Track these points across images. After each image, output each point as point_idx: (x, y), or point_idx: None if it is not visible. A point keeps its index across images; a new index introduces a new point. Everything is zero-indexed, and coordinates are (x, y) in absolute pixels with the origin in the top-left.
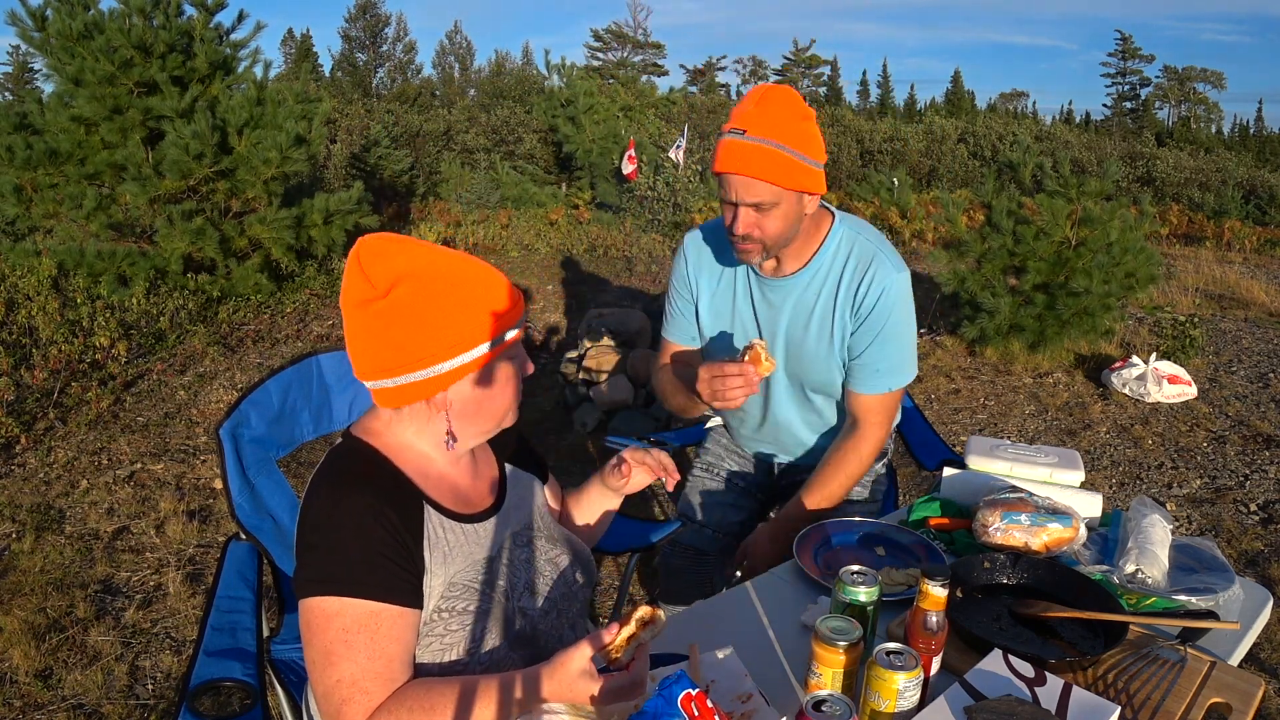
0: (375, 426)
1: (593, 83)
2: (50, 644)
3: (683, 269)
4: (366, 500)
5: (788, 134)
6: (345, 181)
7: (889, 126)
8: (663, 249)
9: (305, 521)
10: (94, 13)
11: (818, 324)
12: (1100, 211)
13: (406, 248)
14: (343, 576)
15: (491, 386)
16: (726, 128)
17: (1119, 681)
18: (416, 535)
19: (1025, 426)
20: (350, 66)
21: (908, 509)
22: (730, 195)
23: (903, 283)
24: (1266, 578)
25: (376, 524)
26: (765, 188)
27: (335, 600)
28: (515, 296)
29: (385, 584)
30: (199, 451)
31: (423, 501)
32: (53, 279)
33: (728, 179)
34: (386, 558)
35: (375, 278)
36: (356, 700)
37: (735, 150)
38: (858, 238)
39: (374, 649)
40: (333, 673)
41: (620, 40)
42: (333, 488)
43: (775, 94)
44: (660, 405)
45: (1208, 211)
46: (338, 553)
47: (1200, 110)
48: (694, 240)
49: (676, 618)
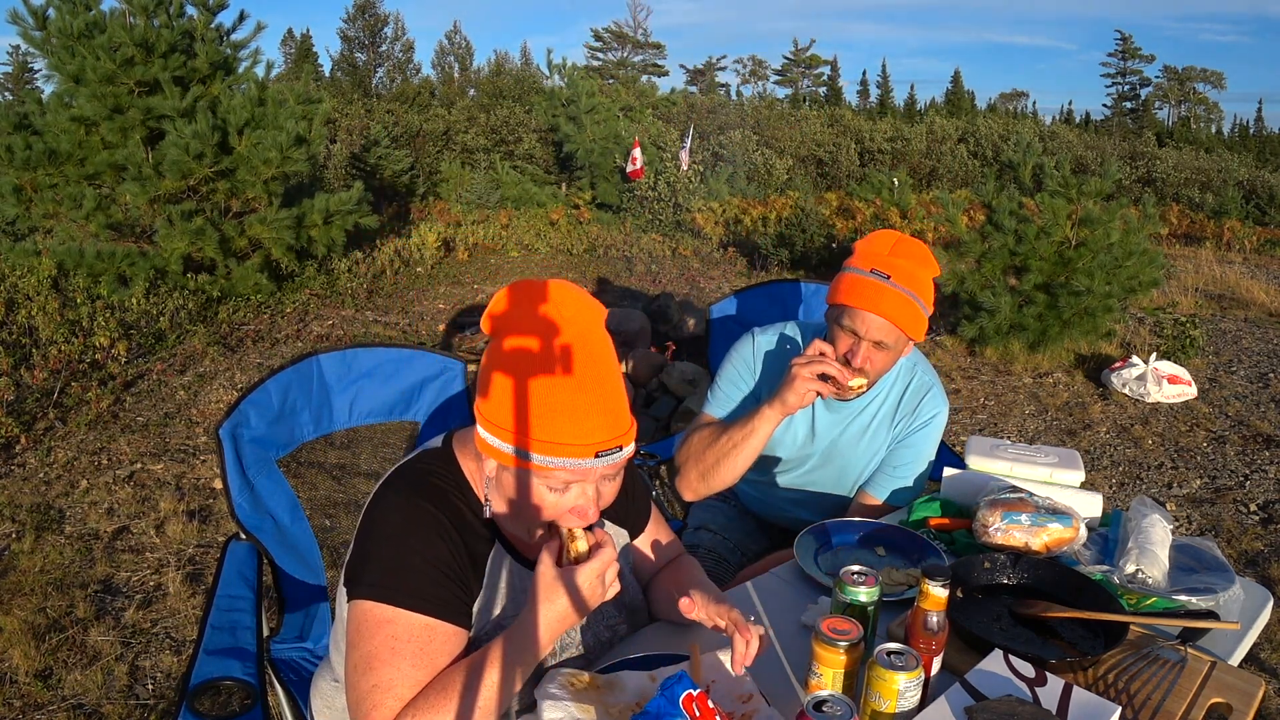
0: (472, 445)
1: (593, 83)
2: (50, 644)
3: (750, 370)
4: (439, 518)
5: (922, 287)
6: (345, 181)
7: (889, 126)
8: (663, 249)
9: (374, 522)
10: (95, 12)
11: (870, 437)
12: (1101, 212)
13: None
14: (403, 588)
15: (517, 494)
16: (866, 266)
17: (1119, 682)
18: (479, 565)
19: (1025, 426)
20: (350, 66)
21: (908, 509)
22: (860, 330)
23: (945, 415)
24: (1266, 578)
25: (444, 543)
26: (895, 332)
27: (390, 609)
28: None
29: (444, 602)
30: (199, 451)
31: (494, 536)
32: (53, 279)
33: (862, 315)
34: (449, 577)
35: (497, 300)
36: (387, 704)
37: (878, 292)
38: (917, 367)
39: (419, 660)
40: (371, 677)
41: (620, 40)
42: (410, 495)
43: (912, 246)
44: (660, 406)
45: (1208, 211)
46: (401, 563)
47: (1200, 110)
48: (762, 347)
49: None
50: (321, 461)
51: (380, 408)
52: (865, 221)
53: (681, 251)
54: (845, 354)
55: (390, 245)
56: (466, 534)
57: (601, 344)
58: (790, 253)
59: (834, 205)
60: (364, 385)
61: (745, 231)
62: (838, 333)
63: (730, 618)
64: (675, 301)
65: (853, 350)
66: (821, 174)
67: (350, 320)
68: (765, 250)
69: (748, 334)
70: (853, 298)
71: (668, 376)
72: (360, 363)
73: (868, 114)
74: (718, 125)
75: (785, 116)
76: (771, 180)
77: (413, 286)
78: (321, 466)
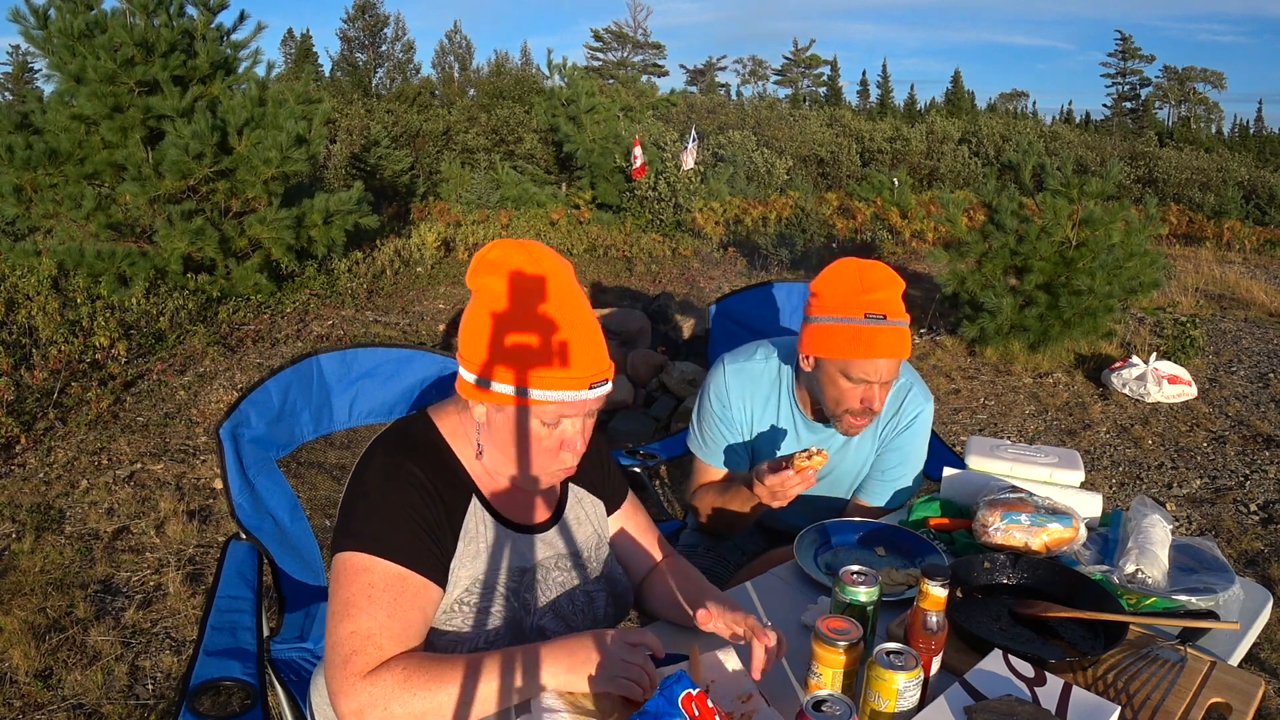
0: (449, 410)
1: (593, 83)
2: (50, 644)
3: (725, 407)
4: (417, 473)
5: (904, 309)
6: (345, 181)
7: (890, 127)
8: (663, 249)
9: (355, 481)
10: (96, 12)
11: (855, 448)
12: (1102, 212)
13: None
14: (380, 537)
15: (514, 434)
16: (857, 313)
17: (1119, 681)
18: (456, 522)
19: (1025, 426)
20: (350, 67)
21: (908, 509)
22: (872, 377)
23: (931, 411)
24: (1266, 578)
25: (421, 498)
26: (900, 365)
27: (368, 558)
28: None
29: (418, 554)
30: (199, 451)
31: (471, 494)
32: (53, 279)
33: (873, 364)
34: (424, 531)
35: (481, 260)
36: (367, 652)
37: (882, 336)
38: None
39: (394, 609)
40: (349, 624)
41: (620, 40)
42: (388, 454)
43: (879, 272)
44: (659, 405)
45: (1208, 211)
46: (380, 515)
47: (1200, 110)
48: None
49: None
50: (321, 461)
51: (380, 408)
52: (865, 221)
53: (681, 251)
54: (862, 402)
55: (390, 245)
56: (445, 490)
57: (579, 292)
58: (790, 253)
59: (834, 205)
60: (364, 385)
61: (745, 231)
62: (843, 384)
63: (747, 625)
64: (675, 301)
65: (868, 396)
66: (822, 174)
67: (350, 320)
68: (765, 250)
69: (718, 363)
70: (857, 350)
71: (668, 376)
72: (360, 363)
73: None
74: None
75: (785, 116)
76: (771, 180)
77: (413, 286)
78: (321, 466)
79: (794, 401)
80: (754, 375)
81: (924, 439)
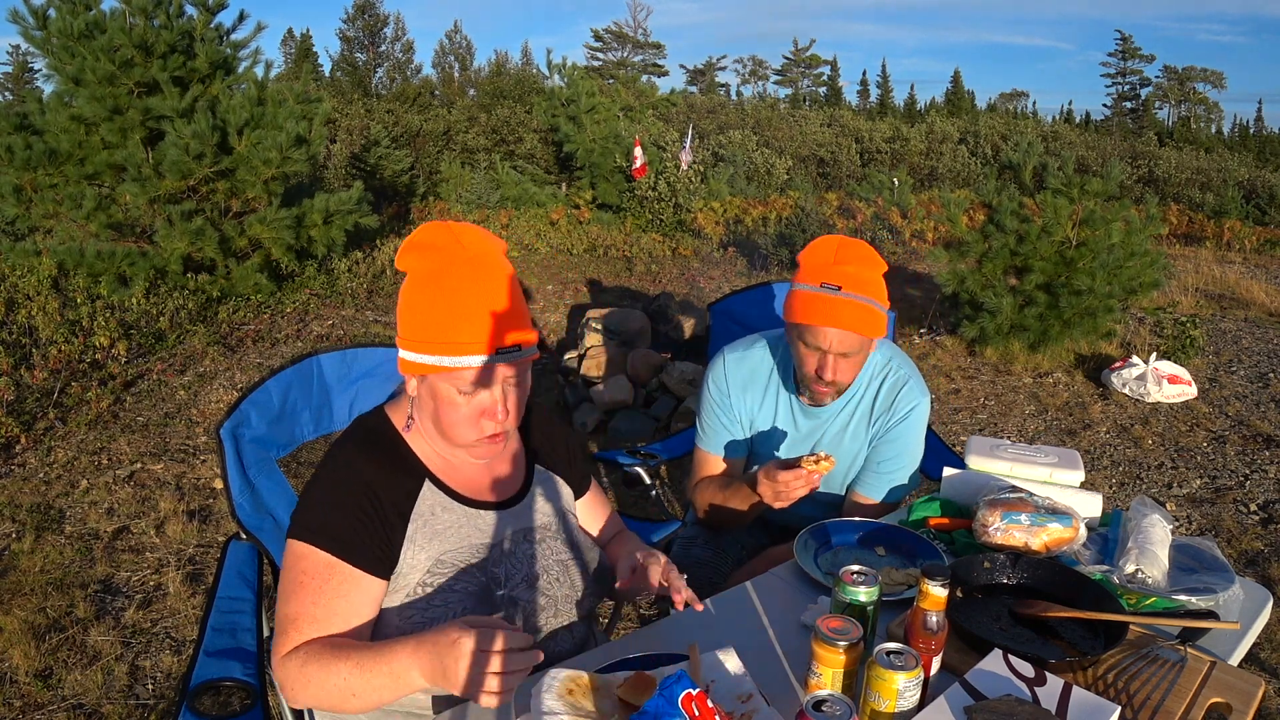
0: (402, 401)
1: (594, 83)
2: (50, 644)
3: (725, 396)
4: (361, 469)
5: (874, 289)
6: (345, 181)
7: (889, 127)
8: (663, 249)
9: (313, 475)
10: (95, 12)
11: (849, 437)
12: (1103, 212)
13: (452, 233)
14: (316, 527)
15: (435, 401)
16: (815, 281)
17: (1119, 681)
18: (404, 510)
19: (1025, 426)
20: (349, 67)
21: (908, 509)
22: (823, 345)
23: (927, 405)
24: (1266, 578)
25: (363, 492)
26: (857, 340)
27: (304, 546)
28: (488, 339)
29: (350, 545)
30: (199, 451)
31: (424, 478)
32: (53, 279)
33: (823, 331)
34: (362, 523)
35: (407, 242)
36: (290, 635)
37: (833, 306)
38: (891, 362)
39: (319, 597)
40: (284, 606)
41: (620, 40)
42: (339, 447)
43: (856, 248)
44: (659, 405)
45: (1208, 211)
46: (320, 506)
47: (1200, 110)
48: (733, 367)
49: (677, 617)
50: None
51: None
52: (865, 221)
53: (681, 251)
54: (816, 369)
55: (390, 245)
56: (393, 477)
57: (499, 266)
58: (790, 253)
59: (834, 205)
60: (364, 385)
61: (745, 231)
62: (802, 350)
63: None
64: (675, 301)
65: (821, 364)
66: (822, 174)
67: (350, 320)
68: (765, 250)
69: (719, 354)
70: (810, 315)
71: (668, 376)
72: (360, 363)
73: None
74: (718, 125)
75: (785, 116)
76: (771, 180)
77: None
78: None
79: (792, 391)
80: (753, 365)
81: (919, 433)
